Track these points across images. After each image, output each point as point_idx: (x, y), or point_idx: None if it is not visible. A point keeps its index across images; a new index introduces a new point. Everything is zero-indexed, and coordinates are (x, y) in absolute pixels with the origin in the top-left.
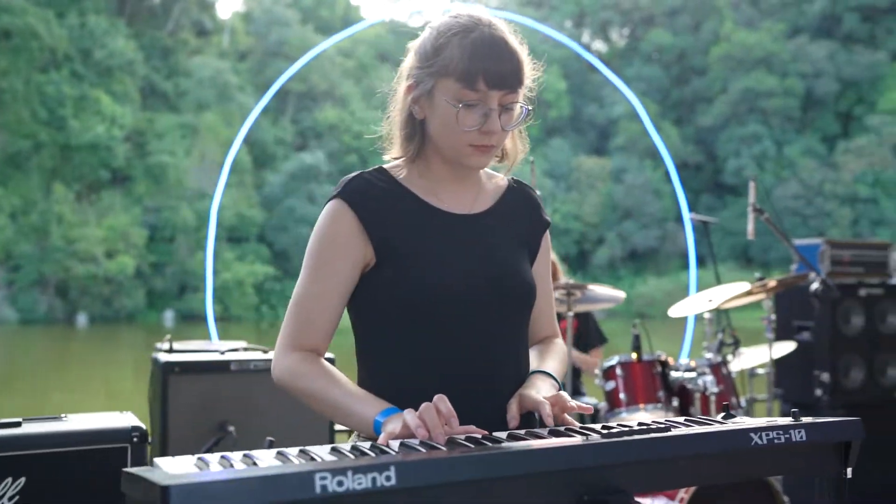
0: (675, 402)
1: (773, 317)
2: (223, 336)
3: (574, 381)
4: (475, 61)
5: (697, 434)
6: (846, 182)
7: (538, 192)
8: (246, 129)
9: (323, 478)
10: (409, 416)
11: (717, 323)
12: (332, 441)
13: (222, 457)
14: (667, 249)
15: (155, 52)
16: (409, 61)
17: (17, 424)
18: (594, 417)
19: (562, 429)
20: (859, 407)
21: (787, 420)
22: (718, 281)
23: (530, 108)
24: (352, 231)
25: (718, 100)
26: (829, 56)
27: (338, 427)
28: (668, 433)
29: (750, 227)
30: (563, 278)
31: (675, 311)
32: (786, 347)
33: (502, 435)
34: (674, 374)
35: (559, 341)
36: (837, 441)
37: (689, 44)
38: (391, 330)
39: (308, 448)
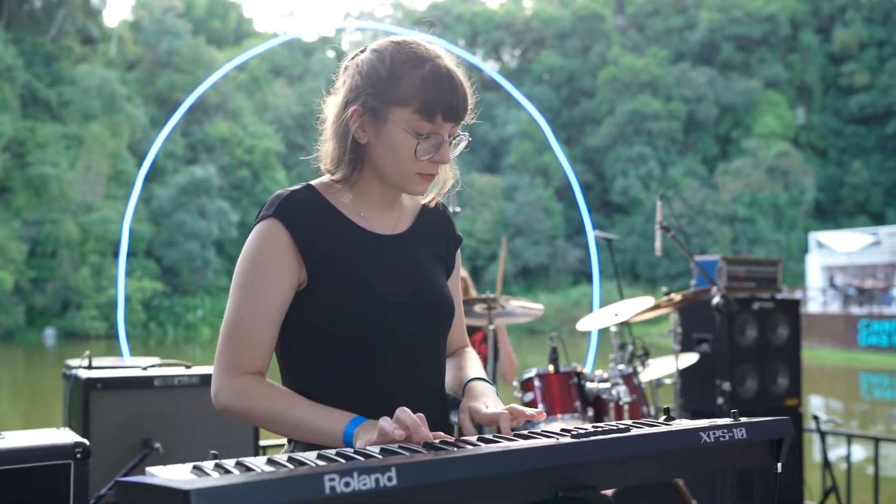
0: (591, 412)
1: (680, 329)
2: (107, 354)
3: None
4: (435, 94)
5: (655, 434)
6: (726, 202)
7: (451, 209)
8: (156, 149)
9: (331, 479)
10: (384, 421)
11: (622, 336)
12: (256, 454)
13: (216, 464)
14: (557, 266)
15: (37, 59)
16: (351, 83)
17: None
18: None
19: (525, 433)
20: (754, 415)
21: (728, 420)
22: (621, 296)
23: (468, 137)
24: (287, 251)
25: (606, 121)
26: (708, 82)
27: (262, 442)
28: (630, 433)
29: (657, 243)
30: (475, 293)
31: (583, 325)
32: (689, 359)
33: (472, 439)
34: (589, 384)
35: (470, 350)
36: (771, 438)
37: (578, 66)
38: (321, 348)
39: (296, 455)
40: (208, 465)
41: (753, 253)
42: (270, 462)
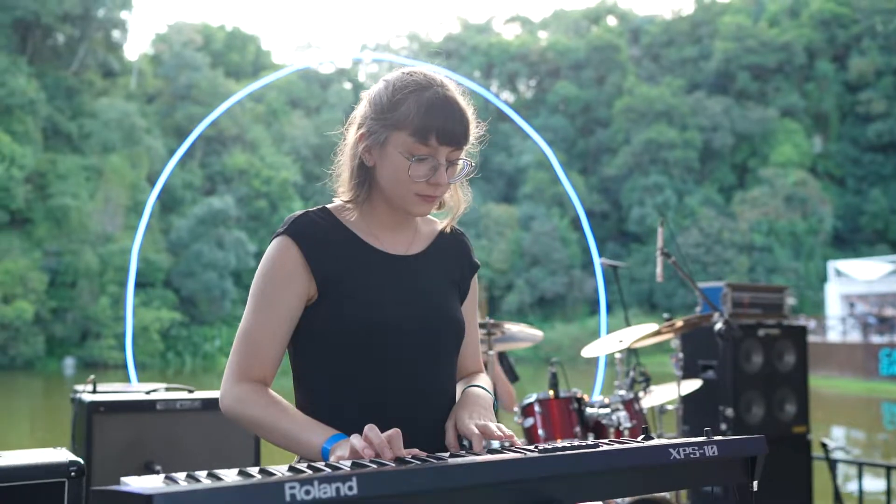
0: (591, 438)
1: (682, 355)
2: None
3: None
4: (429, 118)
5: (623, 449)
6: (743, 231)
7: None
8: (164, 179)
9: (292, 487)
10: (355, 438)
11: (627, 363)
12: None
13: (188, 475)
14: (574, 296)
15: (59, 92)
16: (362, 110)
17: None
18: None
19: (498, 448)
20: None
21: (701, 438)
22: (628, 323)
23: (472, 163)
24: (297, 266)
25: (622, 150)
26: (724, 111)
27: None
28: (598, 449)
29: (658, 269)
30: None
31: (588, 352)
32: (692, 385)
33: (444, 455)
34: (589, 410)
35: (484, 375)
36: (744, 455)
37: (593, 96)
38: (328, 360)
39: (267, 467)
40: (180, 475)
41: (772, 283)
42: (242, 473)
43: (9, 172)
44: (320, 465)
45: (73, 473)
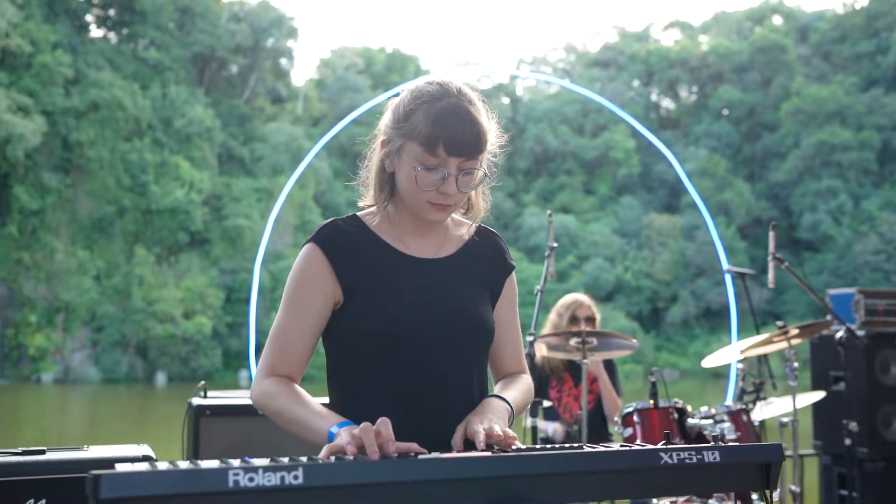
0: None
1: (796, 364)
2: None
3: (601, 429)
4: (437, 129)
5: (607, 451)
6: None
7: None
8: (301, 170)
9: (236, 474)
10: (345, 433)
11: (758, 372)
12: None
13: (170, 462)
14: (743, 307)
15: (232, 120)
16: (385, 118)
17: (42, 452)
18: None
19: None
20: None
21: (709, 444)
22: (757, 331)
23: (488, 173)
24: (322, 271)
25: (791, 154)
26: None
27: None
28: (580, 451)
29: (770, 275)
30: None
31: (707, 362)
32: (812, 397)
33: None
34: (690, 420)
35: (525, 377)
36: (756, 462)
37: (758, 99)
38: (355, 362)
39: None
40: (163, 463)
41: None
42: (222, 462)
43: (188, 196)
44: (302, 459)
45: None
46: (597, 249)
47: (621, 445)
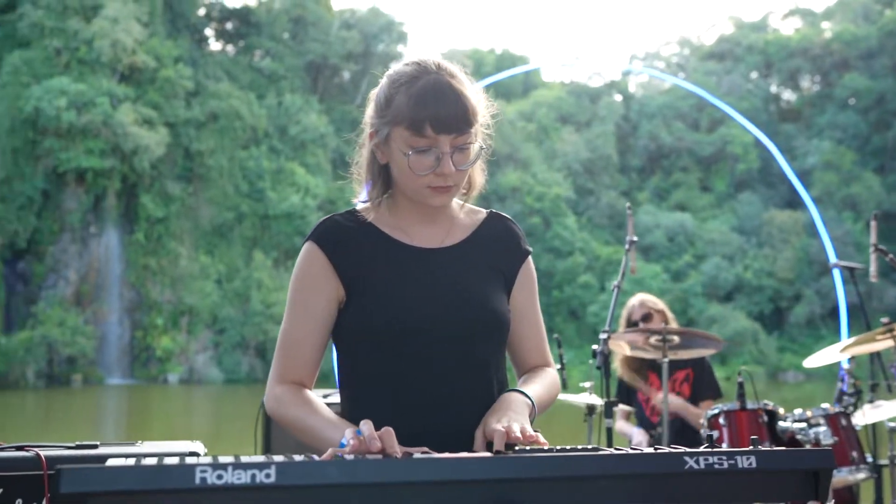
0: None
1: None
2: None
3: (689, 434)
4: (420, 109)
5: (623, 455)
6: None
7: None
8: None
9: (203, 471)
10: (349, 431)
11: (870, 373)
12: None
13: (158, 458)
14: (872, 306)
15: (345, 125)
16: (369, 110)
17: (95, 447)
18: None
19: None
20: None
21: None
22: (869, 328)
23: (483, 146)
24: (323, 270)
25: None
26: None
27: None
28: (591, 453)
29: (872, 267)
30: (675, 325)
31: (809, 362)
32: None
33: (429, 454)
34: (782, 424)
35: (550, 370)
36: (801, 469)
37: (889, 87)
38: (359, 358)
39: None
40: (151, 459)
41: None
42: (214, 459)
43: (304, 201)
44: (297, 457)
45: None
46: (714, 248)
47: (655, 449)
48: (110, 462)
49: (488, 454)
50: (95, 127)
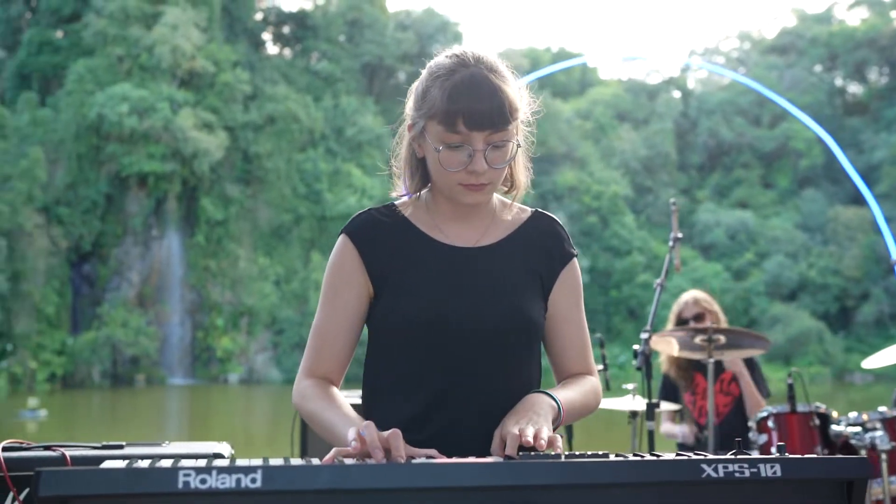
0: None
1: None
2: None
3: (742, 434)
4: (453, 103)
5: (635, 461)
6: None
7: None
8: None
9: (186, 475)
10: (352, 430)
11: None
12: None
13: (151, 460)
14: None
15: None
16: (409, 102)
17: (121, 447)
18: None
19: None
20: None
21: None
22: None
23: (522, 144)
24: (354, 264)
25: None
26: None
27: None
28: (602, 459)
29: None
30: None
31: (868, 363)
32: None
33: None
34: (835, 427)
35: (591, 378)
36: (831, 479)
37: None
38: (383, 355)
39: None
40: (143, 462)
41: None
42: (207, 463)
43: (360, 203)
44: (295, 460)
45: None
46: (778, 246)
47: (695, 453)
48: (105, 464)
49: (490, 459)
50: (156, 132)
